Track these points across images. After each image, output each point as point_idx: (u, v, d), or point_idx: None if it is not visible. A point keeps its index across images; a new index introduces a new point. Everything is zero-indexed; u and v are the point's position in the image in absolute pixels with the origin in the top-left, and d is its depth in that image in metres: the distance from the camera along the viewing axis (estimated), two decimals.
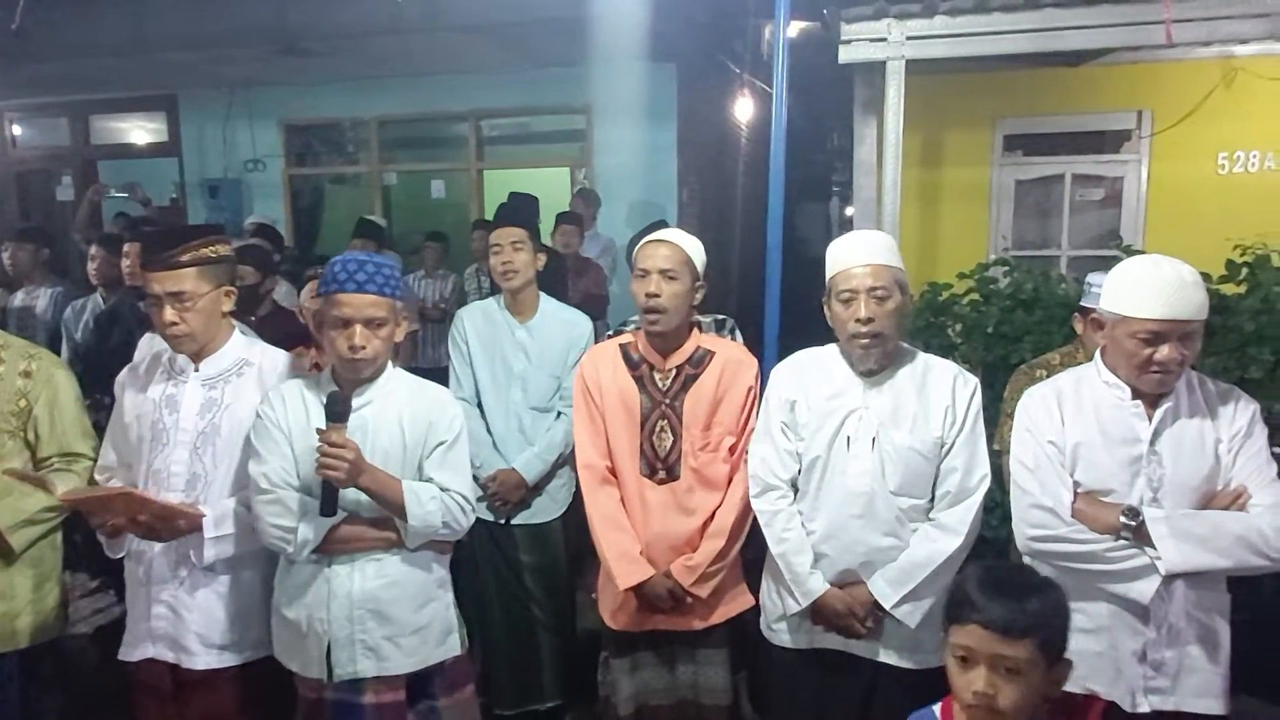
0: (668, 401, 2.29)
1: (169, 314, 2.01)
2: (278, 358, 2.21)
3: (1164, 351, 1.82)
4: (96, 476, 2.22)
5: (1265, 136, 5.34)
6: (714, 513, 2.28)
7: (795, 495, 2.15)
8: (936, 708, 1.59)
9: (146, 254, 2.07)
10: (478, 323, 2.93)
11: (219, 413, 2.09)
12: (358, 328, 1.95)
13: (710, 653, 2.32)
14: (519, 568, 2.89)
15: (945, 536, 2.02)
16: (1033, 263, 4.64)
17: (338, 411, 1.92)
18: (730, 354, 2.35)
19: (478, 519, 2.85)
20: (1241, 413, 1.91)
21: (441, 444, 2.06)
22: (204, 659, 2.07)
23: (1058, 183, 5.88)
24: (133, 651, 2.11)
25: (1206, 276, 3.36)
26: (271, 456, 1.98)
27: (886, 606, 2.01)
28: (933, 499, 2.07)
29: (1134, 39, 3.93)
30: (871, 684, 2.09)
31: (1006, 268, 3.90)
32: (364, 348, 1.95)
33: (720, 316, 2.88)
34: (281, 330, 3.31)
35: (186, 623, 2.06)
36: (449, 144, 7.45)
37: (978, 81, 5.56)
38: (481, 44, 5.79)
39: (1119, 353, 1.90)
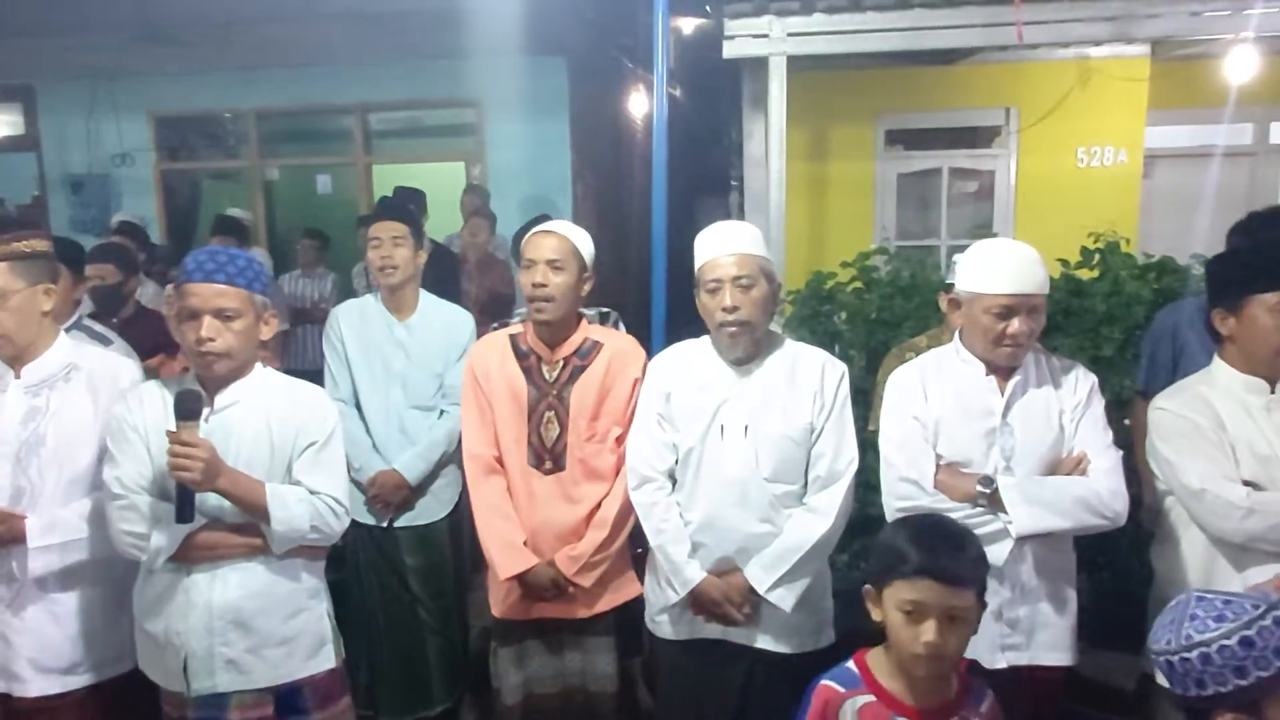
0: (555, 393, 2.28)
1: None
2: (112, 362, 2.08)
3: (1015, 325, 1.94)
4: None
5: (1117, 132, 5.74)
6: (599, 503, 2.28)
7: (673, 486, 2.17)
8: (850, 664, 1.65)
9: None
10: (354, 321, 2.84)
11: (44, 421, 1.95)
12: (206, 319, 1.85)
13: (597, 640, 2.32)
14: (403, 570, 2.82)
15: (816, 520, 2.07)
16: (915, 252, 4.85)
17: (188, 409, 1.82)
18: (618, 345, 2.35)
19: (359, 523, 2.78)
20: (1082, 384, 2.05)
21: (312, 445, 1.98)
22: (39, 685, 1.92)
23: (936, 176, 6.17)
24: None
25: (1065, 263, 3.64)
26: (126, 460, 1.87)
27: (761, 591, 2.05)
28: (806, 484, 2.12)
29: (994, 39, 4.17)
30: (750, 671, 2.13)
31: (886, 256, 4.06)
32: (213, 340, 1.85)
33: (604, 309, 2.87)
34: (147, 333, 3.13)
35: (16, 647, 1.92)
36: (334, 137, 7.21)
37: (860, 79, 5.76)
38: (363, 34, 5.61)
39: (975, 329, 2.01)
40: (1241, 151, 6.45)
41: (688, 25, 7.32)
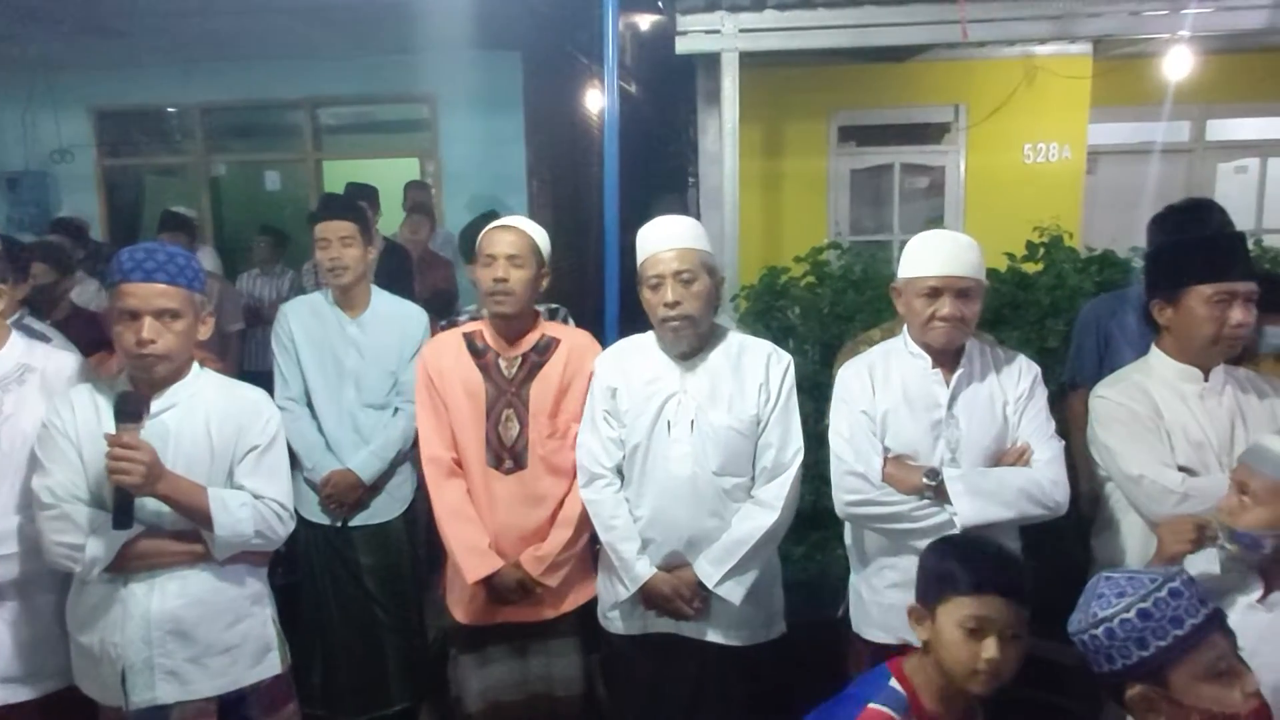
0: (514, 390, 2.25)
1: None
2: (65, 361, 2.02)
3: (944, 307, 1.97)
4: None
5: (1062, 129, 5.88)
6: (562, 501, 2.26)
7: (622, 482, 2.17)
8: (893, 683, 1.56)
9: None
10: (304, 319, 2.78)
11: None
12: (146, 320, 1.79)
13: (561, 642, 2.31)
14: (359, 570, 2.78)
15: (763, 512, 2.08)
16: (867, 247, 4.91)
17: (129, 411, 1.77)
18: (576, 341, 2.33)
19: (312, 523, 2.75)
20: (1024, 376, 2.08)
21: (255, 449, 1.94)
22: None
23: (888, 171, 6.26)
24: None
25: (1011, 256, 3.71)
26: (56, 468, 1.80)
27: (710, 586, 2.06)
28: (754, 476, 2.13)
29: (941, 36, 4.24)
30: (702, 664, 2.13)
31: (839, 250, 4.10)
32: (154, 341, 1.80)
33: (552, 306, 2.87)
34: (82, 334, 3.03)
35: None
36: (283, 133, 7.05)
37: (813, 75, 5.82)
38: (314, 28, 5.51)
39: (910, 313, 2.05)
40: (1179, 148, 6.66)
41: (642, 21, 7.33)
